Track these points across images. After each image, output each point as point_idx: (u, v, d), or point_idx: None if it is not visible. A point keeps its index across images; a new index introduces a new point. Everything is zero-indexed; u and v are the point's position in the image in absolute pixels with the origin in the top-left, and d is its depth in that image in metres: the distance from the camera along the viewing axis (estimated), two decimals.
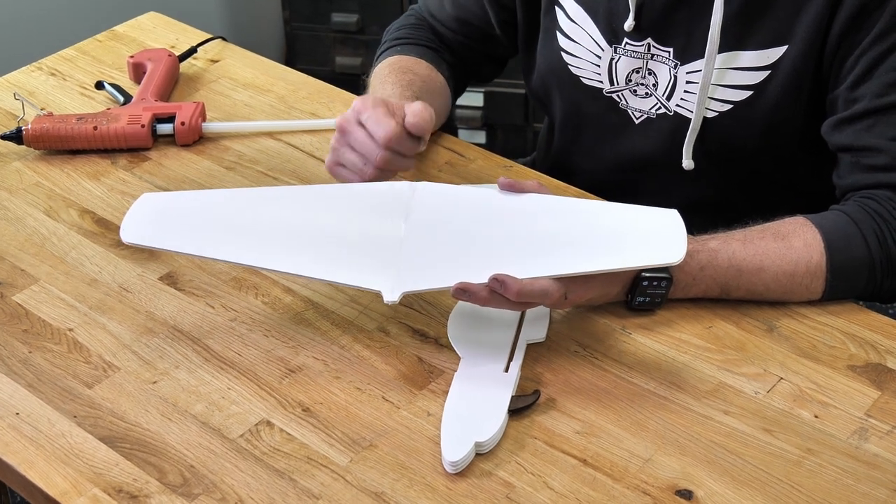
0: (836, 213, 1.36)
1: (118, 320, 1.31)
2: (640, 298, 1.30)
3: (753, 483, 1.13)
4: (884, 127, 1.38)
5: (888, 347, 1.28)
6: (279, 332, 1.30)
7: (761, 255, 1.31)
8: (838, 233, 1.33)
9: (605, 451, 1.16)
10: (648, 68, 1.49)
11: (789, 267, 1.31)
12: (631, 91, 1.52)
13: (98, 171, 1.56)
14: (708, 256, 1.30)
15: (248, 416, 1.20)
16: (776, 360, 1.26)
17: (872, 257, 1.33)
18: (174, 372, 1.25)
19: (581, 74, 1.55)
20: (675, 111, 1.50)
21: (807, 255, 1.31)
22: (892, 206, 1.35)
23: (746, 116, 1.46)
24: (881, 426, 1.19)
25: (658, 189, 1.51)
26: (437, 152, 1.60)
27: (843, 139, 1.41)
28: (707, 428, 1.19)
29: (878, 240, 1.33)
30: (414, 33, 1.67)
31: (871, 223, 1.34)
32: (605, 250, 1.23)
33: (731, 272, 1.30)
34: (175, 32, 1.87)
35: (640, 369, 1.25)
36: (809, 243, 1.32)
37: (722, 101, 1.46)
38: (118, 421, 1.19)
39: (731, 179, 1.55)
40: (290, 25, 3.23)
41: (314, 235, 1.29)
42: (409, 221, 1.29)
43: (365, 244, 1.27)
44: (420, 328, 1.30)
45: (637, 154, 1.55)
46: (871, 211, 1.35)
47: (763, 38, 1.43)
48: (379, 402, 1.21)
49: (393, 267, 1.24)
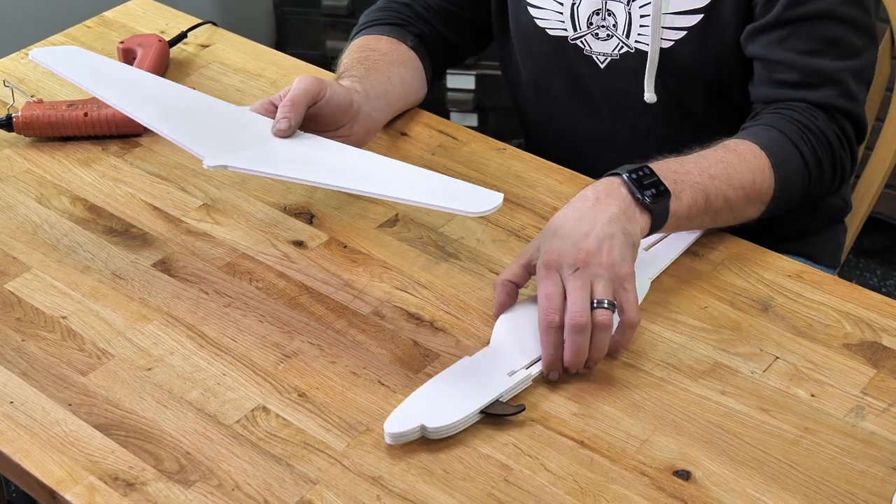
0: (765, 129, 1.40)
1: (112, 307, 1.31)
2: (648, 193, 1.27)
3: (751, 462, 1.13)
4: (795, 40, 1.41)
5: (883, 325, 1.28)
6: (274, 318, 1.29)
7: (724, 164, 1.34)
8: (775, 145, 1.37)
9: (602, 433, 1.16)
10: (607, 9, 1.51)
11: (749, 174, 1.35)
12: (593, 35, 1.54)
13: (89, 157, 1.55)
14: (677, 164, 1.32)
15: (243, 401, 1.19)
16: (772, 339, 1.26)
17: (806, 163, 1.39)
18: (169, 358, 1.24)
19: (546, 26, 1.57)
20: (636, 47, 1.51)
21: (759, 164, 1.36)
22: (811, 116, 1.41)
23: (700, 41, 1.48)
24: (877, 404, 1.19)
25: (630, 132, 1.53)
26: (429, 135, 1.59)
27: (755, 49, 1.44)
28: (704, 408, 1.18)
29: (809, 148, 1.39)
30: (381, 14, 1.67)
31: (798, 132, 1.39)
32: (422, 189, 1.25)
33: (704, 177, 1.32)
34: (165, 17, 1.86)
35: (636, 350, 1.25)
36: (756, 155, 1.36)
37: (675, 28, 1.48)
38: (113, 408, 1.18)
39: (693, 112, 1.56)
40: (281, 10, 3.21)
41: (185, 105, 1.40)
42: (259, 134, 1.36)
43: (233, 123, 1.37)
44: (415, 312, 1.30)
45: (608, 98, 1.56)
46: (794, 121, 1.40)
47: None
48: (375, 387, 1.21)
49: (239, 147, 1.32)
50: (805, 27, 1.41)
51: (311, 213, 1.44)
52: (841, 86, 1.43)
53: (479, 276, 1.35)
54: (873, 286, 2.82)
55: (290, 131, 1.34)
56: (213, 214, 1.44)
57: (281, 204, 1.46)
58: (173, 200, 1.47)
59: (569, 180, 1.50)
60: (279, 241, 1.40)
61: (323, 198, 1.47)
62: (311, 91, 1.37)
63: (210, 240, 1.40)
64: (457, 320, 1.29)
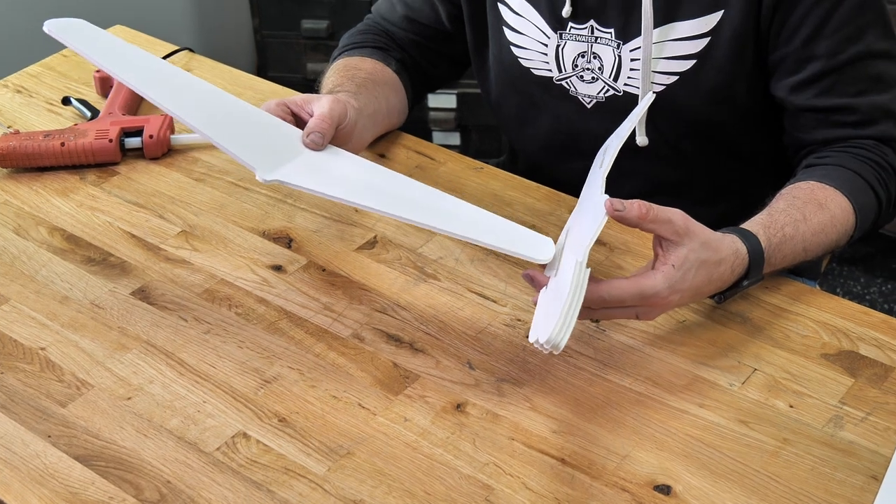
0: (841, 170, 1.42)
1: (91, 337, 1.31)
2: (755, 280, 1.31)
3: (731, 475, 1.13)
4: (845, 85, 1.44)
5: (860, 334, 1.28)
6: (253, 343, 1.29)
7: (819, 233, 1.36)
8: (856, 191, 1.40)
9: (582, 450, 1.16)
10: (593, 52, 1.51)
11: (835, 235, 1.38)
12: (578, 77, 1.54)
13: (67, 187, 1.55)
14: (790, 247, 1.34)
15: (224, 428, 1.19)
16: (750, 351, 1.27)
17: (880, 203, 1.43)
18: (148, 387, 1.24)
19: (531, 66, 1.57)
20: (625, 91, 1.52)
21: (844, 221, 1.39)
22: (881, 152, 1.44)
23: (693, 85, 1.48)
24: (856, 413, 1.19)
25: (619, 173, 1.53)
26: (407, 156, 1.60)
27: (804, 101, 1.46)
28: (683, 422, 1.19)
29: (883, 187, 1.43)
30: (363, 38, 1.68)
31: (871, 171, 1.43)
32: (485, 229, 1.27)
33: (798, 254, 1.35)
34: (142, 44, 1.86)
35: (615, 366, 1.25)
36: (844, 208, 1.39)
37: (667, 73, 1.48)
38: (93, 439, 1.18)
39: (684, 154, 1.56)
40: (261, 33, 3.22)
41: (224, 107, 1.37)
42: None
43: (267, 131, 1.35)
44: (395, 333, 1.30)
45: (594, 140, 1.56)
46: (865, 159, 1.43)
47: (698, 6, 1.45)
48: (355, 410, 1.21)
49: (283, 158, 1.30)
50: (849, 71, 1.44)
51: (289, 238, 1.45)
52: (894, 115, 1.46)
53: (459, 296, 1.35)
54: (857, 294, 2.83)
55: (322, 147, 1.36)
56: (192, 241, 1.44)
57: (259, 229, 1.46)
58: (151, 228, 1.47)
59: (546, 198, 1.51)
60: (258, 266, 1.40)
61: (301, 222, 1.47)
62: (343, 113, 1.40)
63: (189, 267, 1.40)
64: (437, 341, 1.29)
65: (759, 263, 1.29)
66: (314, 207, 1.49)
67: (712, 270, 1.24)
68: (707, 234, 1.23)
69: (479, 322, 1.32)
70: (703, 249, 1.22)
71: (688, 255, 1.21)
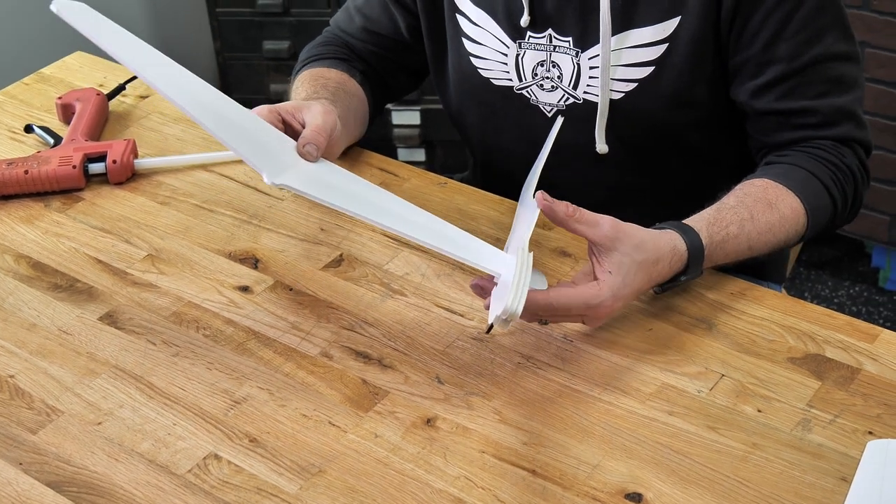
0: (796, 170, 1.44)
1: (59, 363, 1.30)
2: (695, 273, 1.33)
3: (702, 481, 1.14)
4: (805, 88, 1.46)
5: (825, 337, 1.29)
6: (222, 365, 1.29)
7: (765, 232, 1.38)
8: (809, 191, 1.42)
9: (553, 461, 1.17)
10: (552, 60, 1.52)
11: (784, 235, 1.40)
12: (538, 85, 1.55)
13: (31, 214, 1.55)
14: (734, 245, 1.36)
15: (195, 450, 1.19)
16: (717, 357, 1.28)
17: (835, 204, 1.45)
18: (119, 412, 1.24)
19: (491, 76, 1.58)
20: (584, 98, 1.52)
21: (794, 221, 1.40)
22: (839, 153, 1.46)
23: (652, 92, 1.49)
24: (823, 416, 1.20)
25: (581, 181, 1.54)
26: (370, 174, 1.60)
27: (766, 104, 1.47)
28: (652, 430, 1.19)
29: (838, 188, 1.44)
30: (325, 49, 1.69)
31: (828, 172, 1.44)
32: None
33: (743, 252, 1.37)
34: (102, 71, 1.87)
35: (584, 376, 1.26)
36: (794, 208, 1.40)
37: (626, 80, 1.49)
38: (64, 465, 1.18)
39: (646, 160, 1.57)
40: (223, 56, 3.22)
41: (227, 107, 1.35)
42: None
43: (268, 136, 1.35)
44: (363, 350, 1.30)
45: (556, 148, 1.57)
46: (822, 160, 1.45)
47: (655, 13, 1.46)
48: (326, 428, 1.21)
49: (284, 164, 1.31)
50: (809, 74, 1.45)
51: (255, 258, 1.45)
52: (855, 117, 1.49)
53: (426, 311, 1.36)
54: (825, 297, 2.85)
55: (316, 160, 1.37)
56: (158, 265, 1.44)
57: (225, 250, 1.46)
58: (118, 253, 1.47)
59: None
60: (225, 287, 1.40)
61: (267, 242, 1.47)
62: (334, 123, 1.41)
63: (156, 290, 1.40)
64: (405, 356, 1.30)
65: (699, 260, 1.31)
66: (280, 227, 1.50)
67: (651, 270, 1.26)
68: (641, 236, 1.26)
69: (447, 336, 1.32)
70: (637, 251, 1.24)
71: (622, 259, 1.23)
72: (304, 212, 1.53)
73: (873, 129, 2.48)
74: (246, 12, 3.14)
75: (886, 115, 2.55)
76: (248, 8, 3.13)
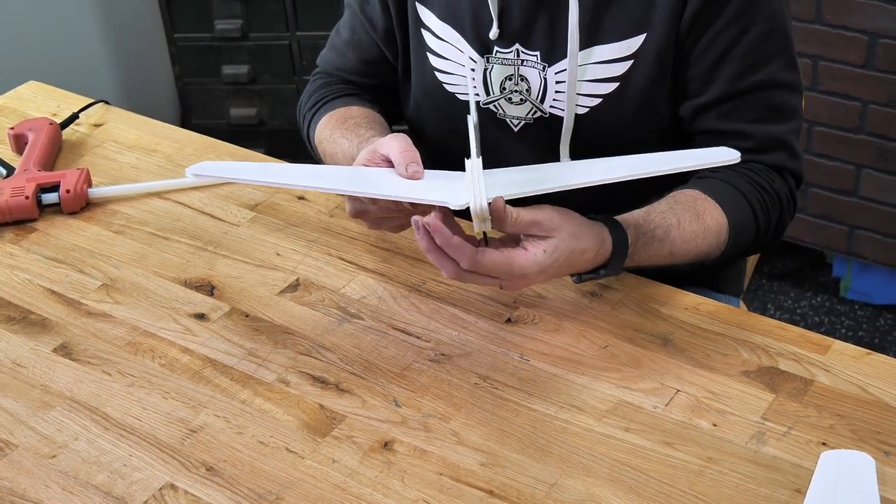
0: (726, 187, 1.46)
1: (13, 397, 1.29)
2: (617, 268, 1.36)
3: (658, 497, 1.14)
4: (743, 111, 1.47)
5: (779, 350, 1.30)
6: (178, 393, 1.29)
7: (689, 241, 1.40)
8: (736, 208, 1.44)
9: (510, 481, 1.17)
10: (520, 74, 1.52)
11: (706, 247, 1.42)
12: (506, 99, 1.55)
13: None
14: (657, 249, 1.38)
15: (151, 481, 1.19)
16: (672, 372, 1.28)
17: (758, 227, 1.47)
18: (73, 444, 1.23)
19: (457, 91, 1.57)
20: (550, 112, 1.53)
21: (717, 234, 1.43)
22: (769, 178, 1.48)
23: (616, 108, 1.50)
24: (778, 428, 1.21)
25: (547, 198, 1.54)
26: (326, 197, 1.60)
27: (704, 124, 1.49)
28: (609, 447, 1.20)
29: (763, 210, 1.47)
30: (329, 90, 1.67)
31: (756, 194, 1.46)
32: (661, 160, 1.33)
33: (665, 257, 1.39)
34: (56, 100, 1.86)
35: (540, 395, 1.26)
36: (719, 222, 1.43)
37: (591, 95, 1.50)
38: (18, 500, 1.17)
39: None
40: (182, 81, 3.21)
41: (373, 174, 1.36)
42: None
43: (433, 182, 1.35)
44: (320, 375, 1.30)
45: (522, 162, 1.58)
46: (753, 182, 1.47)
47: (622, 29, 1.47)
48: (283, 454, 1.21)
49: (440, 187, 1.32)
50: (749, 98, 1.47)
51: (211, 285, 1.44)
52: (788, 147, 1.50)
53: (383, 334, 1.36)
54: (788, 308, 2.86)
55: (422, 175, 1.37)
56: (113, 294, 1.44)
57: (181, 278, 1.46)
58: (72, 283, 1.46)
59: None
60: (180, 315, 1.40)
61: (223, 269, 1.47)
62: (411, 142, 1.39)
63: (111, 320, 1.40)
64: (362, 380, 1.30)
65: (621, 257, 1.34)
66: (235, 254, 1.50)
67: (577, 257, 1.30)
68: (576, 225, 1.30)
69: (404, 359, 1.32)
70: (572, 240, 1.29)
71: (558, 244, 1.28)
72: (259, 237, 1.52)
73: (828, 140, 2.52)
74: (205, 37, 3.14)
75: (840, 126, 2.56)
76: (207, 33, 3.12)
